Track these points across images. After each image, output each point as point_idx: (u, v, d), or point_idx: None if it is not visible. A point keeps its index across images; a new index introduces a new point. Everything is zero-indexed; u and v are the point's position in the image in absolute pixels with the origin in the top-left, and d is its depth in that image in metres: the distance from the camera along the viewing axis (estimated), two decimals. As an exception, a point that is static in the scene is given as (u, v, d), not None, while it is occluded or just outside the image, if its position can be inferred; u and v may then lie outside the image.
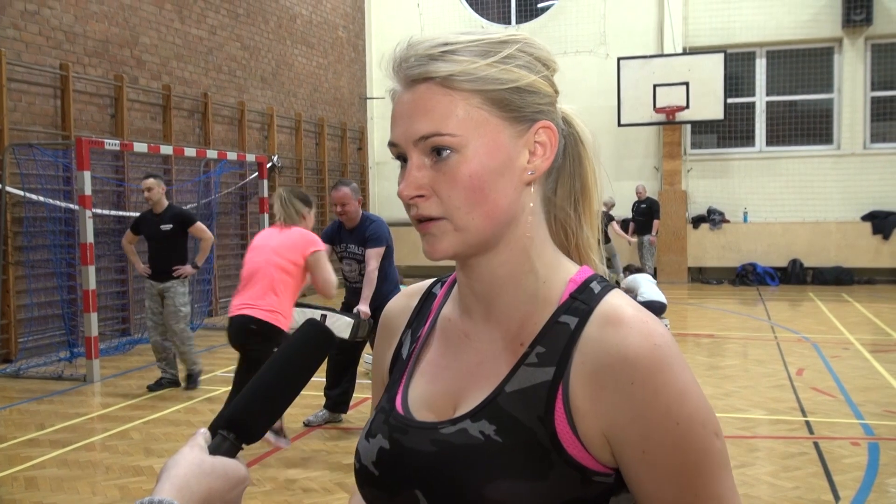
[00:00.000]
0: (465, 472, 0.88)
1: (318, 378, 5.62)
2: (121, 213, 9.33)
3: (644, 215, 13.85)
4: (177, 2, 10.63)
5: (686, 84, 13.92)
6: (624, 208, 14.10)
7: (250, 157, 10.40)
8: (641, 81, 14.16)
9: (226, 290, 11.81)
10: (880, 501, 4.21)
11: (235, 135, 12.07)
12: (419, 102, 0.89)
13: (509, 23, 16.04)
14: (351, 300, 5.71)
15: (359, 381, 6.05)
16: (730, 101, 14.36)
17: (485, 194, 0.89)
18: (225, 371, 7.69)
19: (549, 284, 0.94)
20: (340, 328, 5.04)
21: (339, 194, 5.51)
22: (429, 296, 1.08)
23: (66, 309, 8.43)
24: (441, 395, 0.97)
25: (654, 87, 14.04)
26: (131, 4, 9.76)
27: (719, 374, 7.31)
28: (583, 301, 0.92)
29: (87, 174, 7.23)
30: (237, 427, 0.89)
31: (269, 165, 11.19)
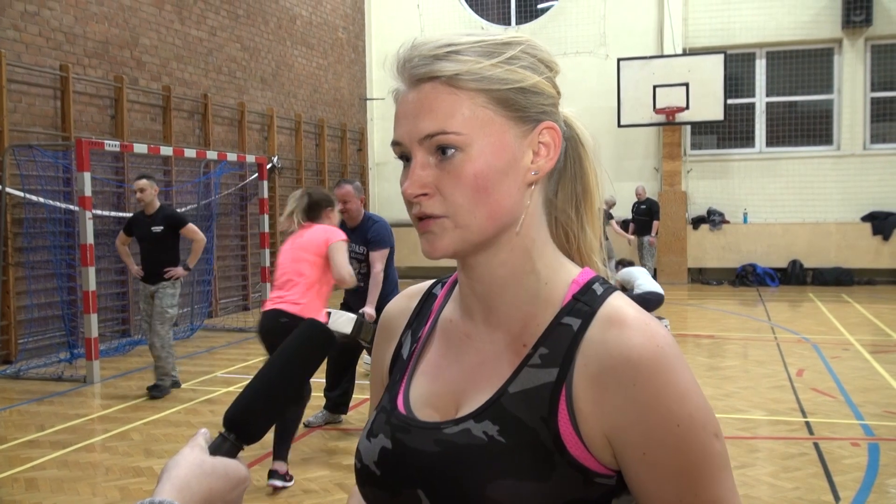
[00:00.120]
0: (467, 472, 0.88)
1: (318, 379, 5.62)
2: (121, 214, 9.32)
3: (644, 216, 13.84)
4: (177, 3, 10.63)
5: (686, 85, 13.93)
6: (624, 209, 14.10)
7: (250, 158, 10.40)
8: (641, 82, 14.16)
9: (226, 291, 11.81)
10: (880, 502, 4.21)
11: (235, 136, 12.07)
12: (424, 101, 0.89)
13: (509, 24, 16.04)
14: (350, 300, 5.71)
15: (358, 382, 6.05)
16: (730, 101, 14.37)
17: (489, 193, 0.89)
18: (224, 372, 7.69)
19: (550, 286, 0.94)
20: (343, 324, 5.08)
21: (342, 192, 5.55)
22: (429, 297, 1.08)
23: (66, 310, 8.43)
24: (443, 396, 0.97)
25: (654, 87, 14.04)
26: (131, 5, 9.77)
27: (719, 374, 7.31)
28: (585, 303, 0.92)
29: (87, 175, 7.23)
30: (238, 427, 0.89)
31: (268, 166, 11.19)
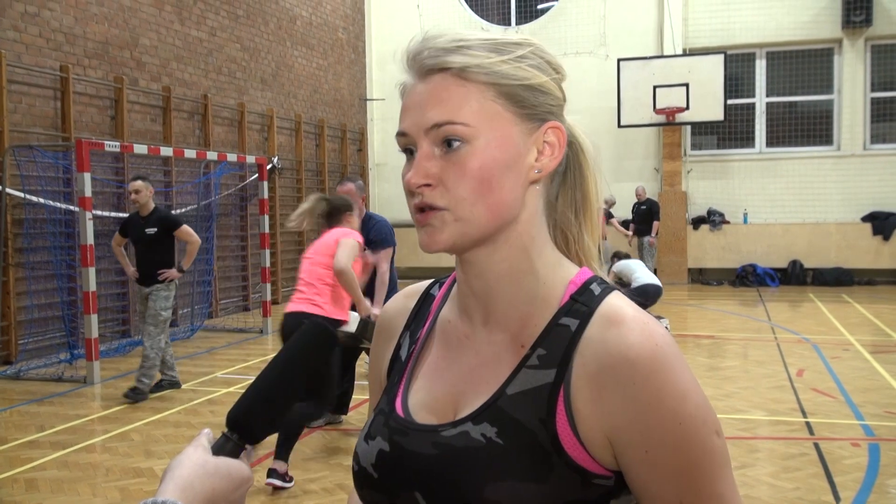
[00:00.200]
0: (466, 475, 0.88)
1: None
2: (121, 214, 9.31)
3: (644, 216, 13.85)
4: (177, 3, 10.64)
5: (686, 85, 13.93)
6: (624, 209, 14.10)
7: (250, 159, 10.41)
8: (641, 82, 14.16)
9: (226, 292, 11.81)
10: (881, 502, 4.21)
11: (235, 136, 12.07)
12: (433, 92, 0.90)
13: (509, 24, 16.05)
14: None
15: (358, 383, 6.05)
16: (730, 102, 14.36)
17: (491, 187, 0.89)
18: (225, 373, 7.69)
19: (548, 285, 0.94)
20: (349, 323, 5.14)
21: (344, 189, 5.63)
22: (427, 297, 1.08)
23: (66, 310, 8.43)
24: (441, 398, 0.96)
25: (654, 88, 14.04)
26: (131, 6, 9.77)
27: (719, 375, 7.31)
28: (583, 303, 0.92)
29: (87, 176, 7.23)
30: (240, 427, 0.89)
31: (269, 167, 11.19)
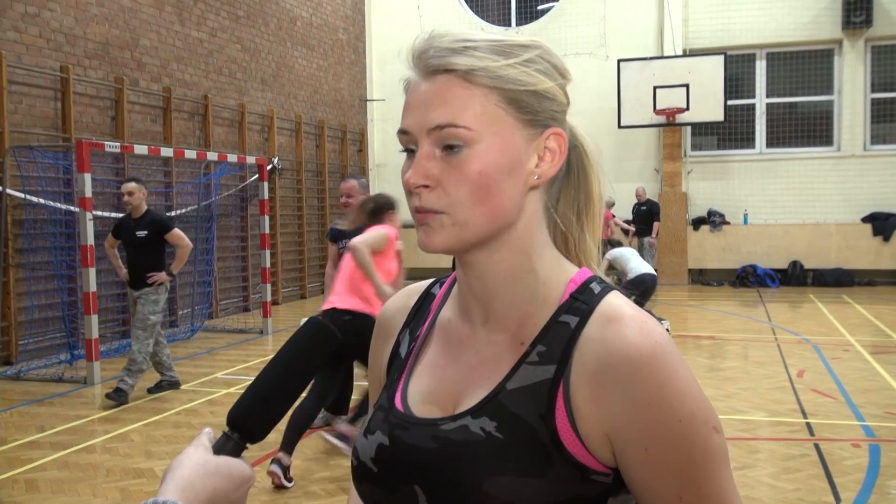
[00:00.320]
0: (465, 468, 0.88)
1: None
2: (121, 215, 9.29)
3: (644, 217, 13.85)
4: (177, 4, 10.64)
5: (686, 86, 13.93)
6: (624, 210, 14.10)
7: (251, 160, 10.41)
8: (641, 83, 14.17)
9: (226, 293, 11.81)
10: (881, 503, 4.21)
11: (236, 137, 12.07)
12: (438, 92, 0.89)
13: (509, 25, 16.05)
14: None
15: (357, 383, 6.03)
16: (730, 102, 14.37)
17: (490, 192, 0.89)
18: (225, 373, 7.69)
19: (549, 285, 0.95)
20: None
21: (347, 185, 5.73)
22: (427, 296, 1.08)
23: (66, 311, 8.43)
24: (441, 393, 0.97)
25: (655, 88, 14.05)
26: (131, 7, 9.77)
27: (720, 375, 7.31)
28: (583, 301, 0.92)
29: (87, 176, 7.23)
30: (241, 427, 0.89)
31: (269, 167, 11.19)
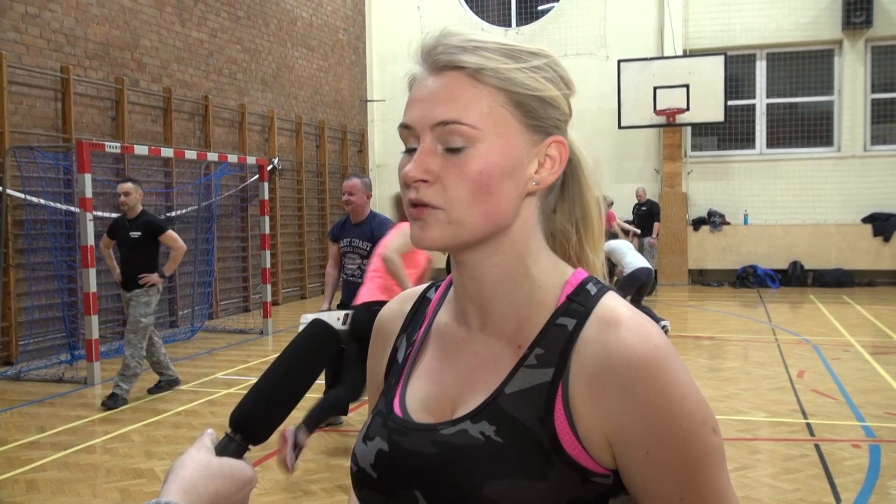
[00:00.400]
0: (465, 473, 0.89)
1: (319, 380, 5.61)
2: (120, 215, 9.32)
3: (644, 218, 13.85)
4: (177, 4, 10.64)
5: (686, 86, 13.93)
6: (624, 211, 14.10)
7: (251, 160, 10.41)
8: (642, 84, 14.16)
9: (226, 293, 11.81)
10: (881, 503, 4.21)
11: (236, 137, 12.08)
12: (445, 89, 0.89)
13: (509, 25, 16.05)
14: (349, 297, 5.67)
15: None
16: (730, 103, 14.36)
17: (490, 193, 0.89)
18: (225, 373, 7.69)
19: (545, 288, 0.95)
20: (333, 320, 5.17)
21: (350, 183, 5.69)
22: (423, 300, 1.08)
23: (66, 311, 8.43)
24: (439, 398, 0.97)
25: (655, 89, 14.05)
26: (132, 7, 9.78)
27: (720, 376, 7.31)
28: (580, 303, 0.92)
29: (87, 177, 7.23)
30: (244, 428, 0.89)
31: (269, 168, 11.20)
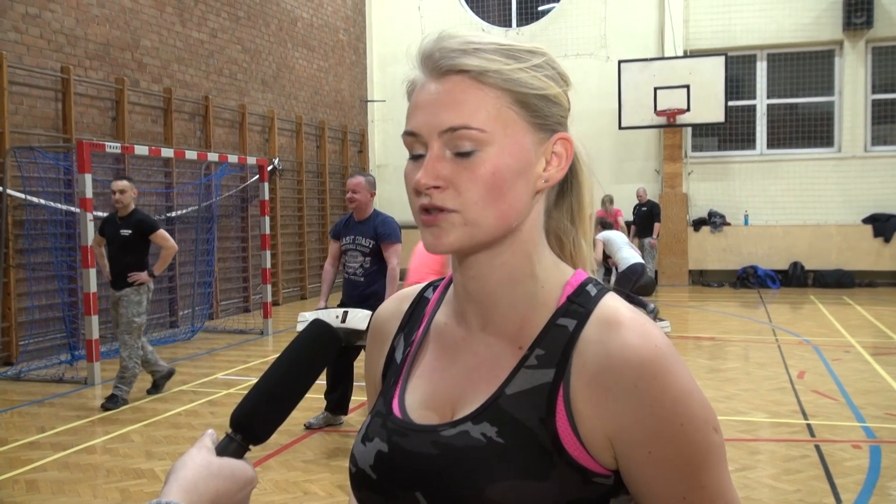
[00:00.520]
0: (467, 474, 0.88)
1: (320, 380, 5.61)
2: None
3: (645, 218, 13.84)
4: (178, 5, 10.64)
5: (687, 87, 13.93)
6: (625, 211, 14.10)
7: (251, 160, 10.41)
8: (642, 84, 14.16)
9: (226, 293, 11.81)
10: (882, 504, 4.21)
11: (236, 138, 12.08)
12: (449, 94, 0.89)
13: (510, 25, 16.05)
14: (349, 296, 5.67)
15: (358, 384, 6.04)
16: (730, 103, 14.37)
17: (503, 193, 0.89)
18: (225, 374, 7.69)
19: (547, 288, 0.95)
20: (360, 321, 5.22)
21: (354, 181, 5.71)
22: (420, 300, 1.07)
23: (66, 311, 8.43)
24: (439, 399, 0.96)
25: (655, 89, 14.05)
26: (132, 7, 9.78)
27: (720, 376, 7.31)
28: (580, 304, 0.92)
29: (88, 177, 7.23)
30: (244, 428, 0.89)
31: (269, 168, 11.20)
